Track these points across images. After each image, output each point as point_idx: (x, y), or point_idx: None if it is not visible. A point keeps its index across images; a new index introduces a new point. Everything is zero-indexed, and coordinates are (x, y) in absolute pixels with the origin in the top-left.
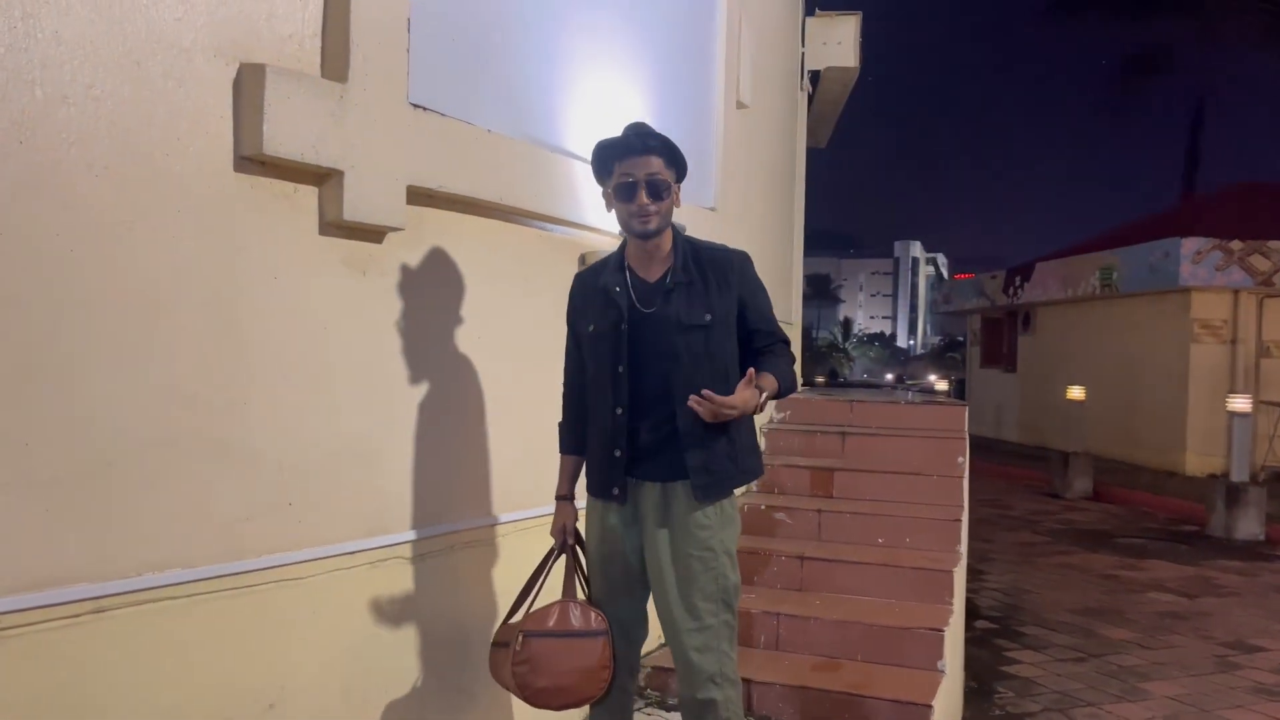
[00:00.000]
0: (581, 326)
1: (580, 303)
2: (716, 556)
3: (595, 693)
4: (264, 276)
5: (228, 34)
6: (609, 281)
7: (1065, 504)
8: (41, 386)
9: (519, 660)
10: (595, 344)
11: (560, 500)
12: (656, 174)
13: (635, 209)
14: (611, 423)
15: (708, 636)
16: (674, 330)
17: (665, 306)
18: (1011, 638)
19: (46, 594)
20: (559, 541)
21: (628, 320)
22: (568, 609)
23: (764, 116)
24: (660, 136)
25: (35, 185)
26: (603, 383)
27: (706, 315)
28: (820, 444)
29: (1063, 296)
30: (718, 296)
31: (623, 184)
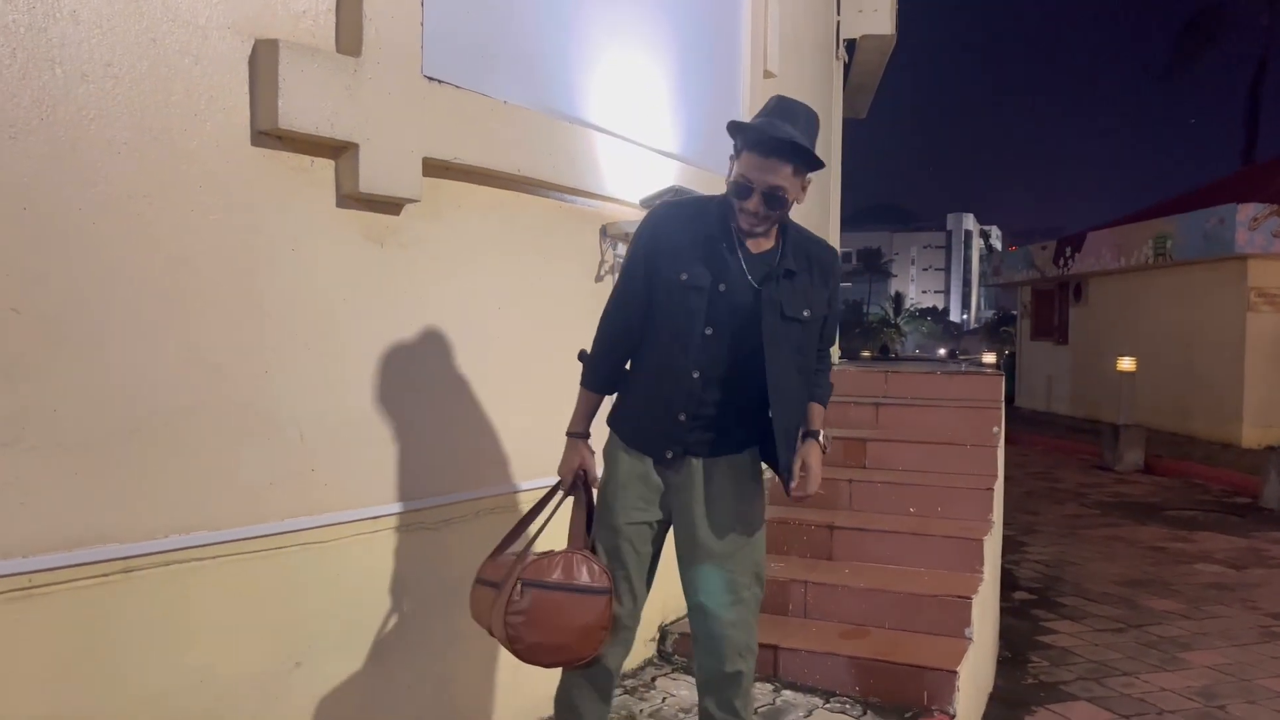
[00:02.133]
0: (668, 267)
1: (671, 242)
2: (755, 531)
3: (589, 653)
4: (283, 248)
5: (243, 10)
6: (715, 235)
7: (1116, 476)
8: (69, 356)
9: (514, 610)
10: (683, 295)
11: (576, 437)
12: (779, 187)
13: (744, 209)
14: (686, 384)
15: (742, 611)
16: (775, 316)
17: (773, 288)
18: (1050, 608)
19: (77, 554)
20: (569, 482)
21: (732, 283)
22: (574, 561)
23: (795, 86)
24: (800, 146)
25: (57, 162)
26: (681, 340)
27: (805, 311)
28: (854, 415)
29: (1115, 266)
30: (817, 293)
31: (740, 184)
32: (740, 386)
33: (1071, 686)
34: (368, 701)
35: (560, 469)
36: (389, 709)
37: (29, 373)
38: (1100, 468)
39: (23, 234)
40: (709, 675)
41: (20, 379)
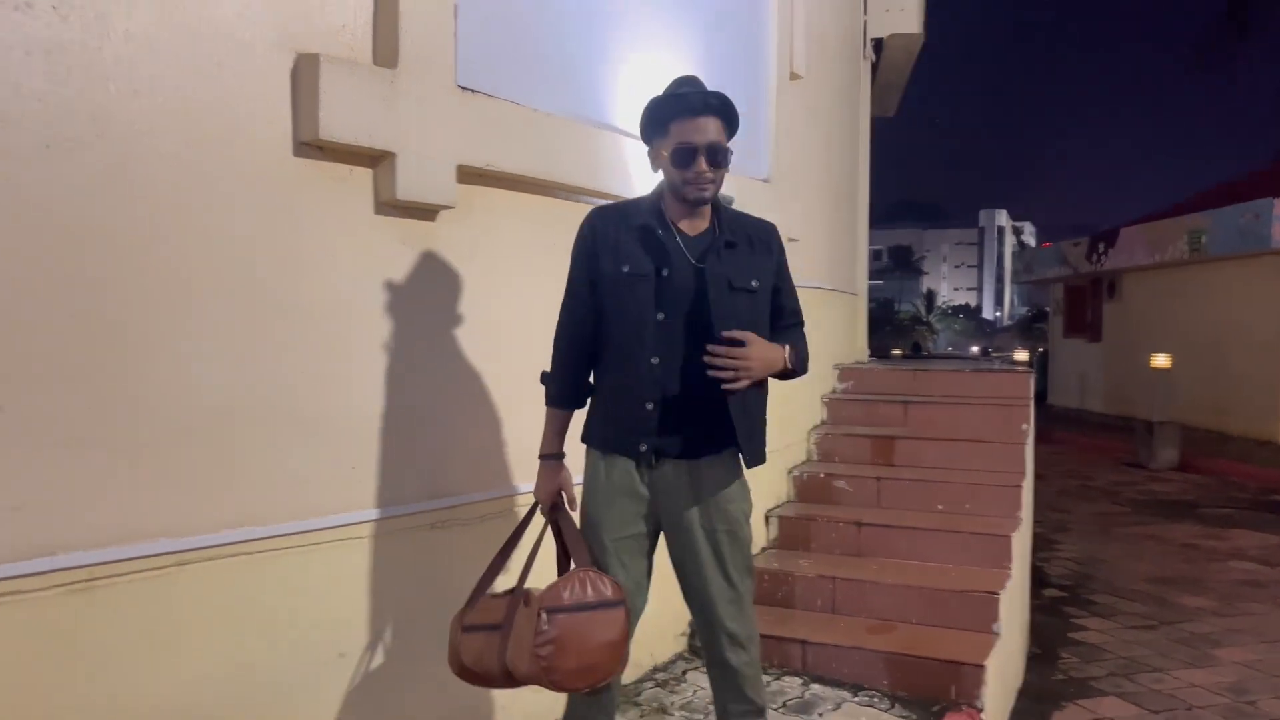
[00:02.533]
0: (608, 265)
1: (607, 243)
2: (743, 526)
3: (618, 669)
4: (324, 254)
5: (284, 26)
6: (649, 222)
7: (1149, 475)
8: (127, 359)
9: (543, 641)
10: (629, 287)
11: (549, 459)
12: (717, 140)
13: (692, 176)
14: (646, 372)
15: (739, 605)
16: (723, 289)
17: (716, 263)
18: (1081, 605)
19: (134, 547)
20: (548, 505)
21: (674, 267)
22: (585, 579)
23: (821, 86)
24: (719, 95)
25: (112, 174)
26: (634, 329)
27: (754, 281)
28: (882, 413)
29: (1149, 262)
30: (761, 264)
31: (681, 149)
32: (701, 371)
33: (1101, 682)
34: (406, 692)
35: (537, 492)
36: (427, 700)
37: (91, 376)
38: (1134, 465)
39: (82, 244)
40: (715, 663)
41: (82, 381)
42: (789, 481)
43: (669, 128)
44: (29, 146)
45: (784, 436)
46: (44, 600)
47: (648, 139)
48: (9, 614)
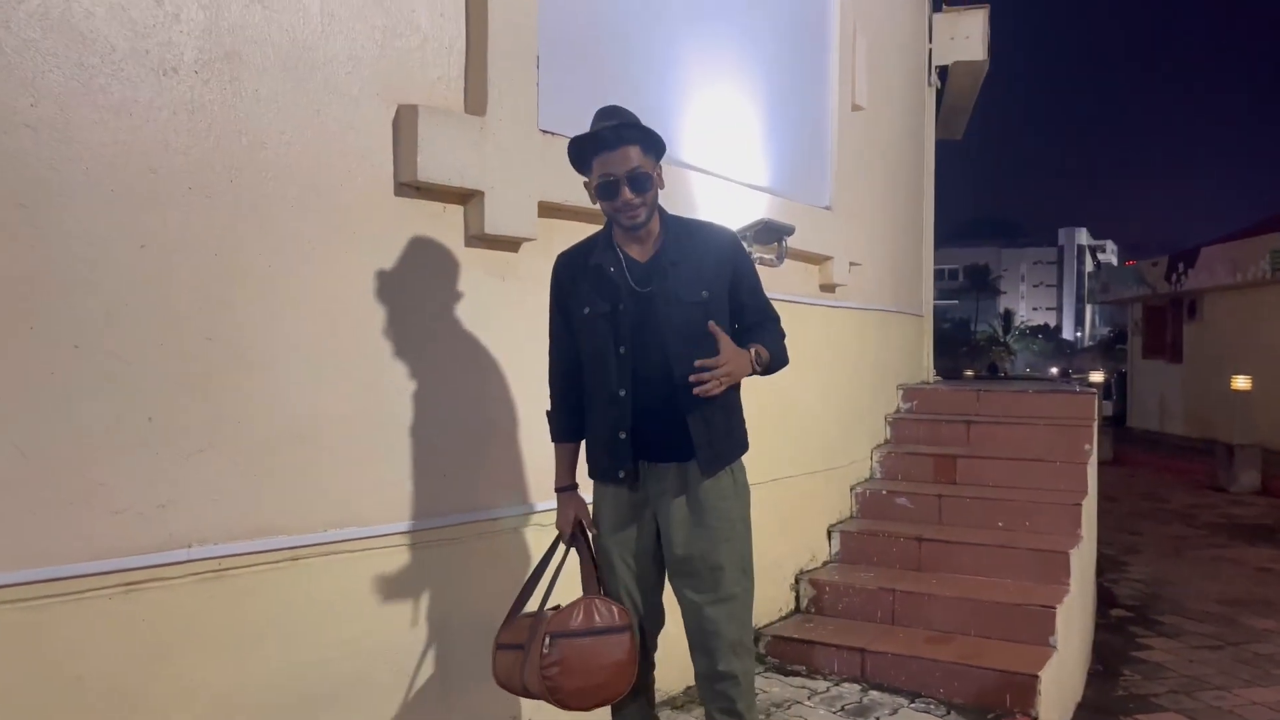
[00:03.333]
0: (574, 307)
1: (569, 284)
2: (734, 525)
3: (625, 688)
4: (420, 283)
5: (387, 80)
6: (602, 260)
7: (1229, 498)
8: (250, 374)
9: (549, 663)
10: (593, 325)
11: (564, 491)
12: (637, 167)
13: (620, 205)
14: (615, 403)
15: (732, 606)
16: (672, 307)
17: (662, 283)
18: (1147, 625)
19: (256, 542)
20: (567, 534)
21: (625, 300)
22: (592, 605)
23: (884, 115)
24: (633, 123)
25: (242, 216)
26: (602, 365)
27: (703, 291)
28: (945, 432)
29: (1231, 282)
30: (712, 273)
31: (604, 184)
32: (667, 395)
33: (1161, 699)
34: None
35: (557, 523)
36: None
37: (219, 389)
38: (1213, 489)
39: (214, 275)
40: (704, 675)
41: (212, 394)
42: (852, 498)
43: (592, 164)
44: (174, 193)
45: (847, 454)
46: (181, 587)
47: (580, 173)
48: (154, 597)
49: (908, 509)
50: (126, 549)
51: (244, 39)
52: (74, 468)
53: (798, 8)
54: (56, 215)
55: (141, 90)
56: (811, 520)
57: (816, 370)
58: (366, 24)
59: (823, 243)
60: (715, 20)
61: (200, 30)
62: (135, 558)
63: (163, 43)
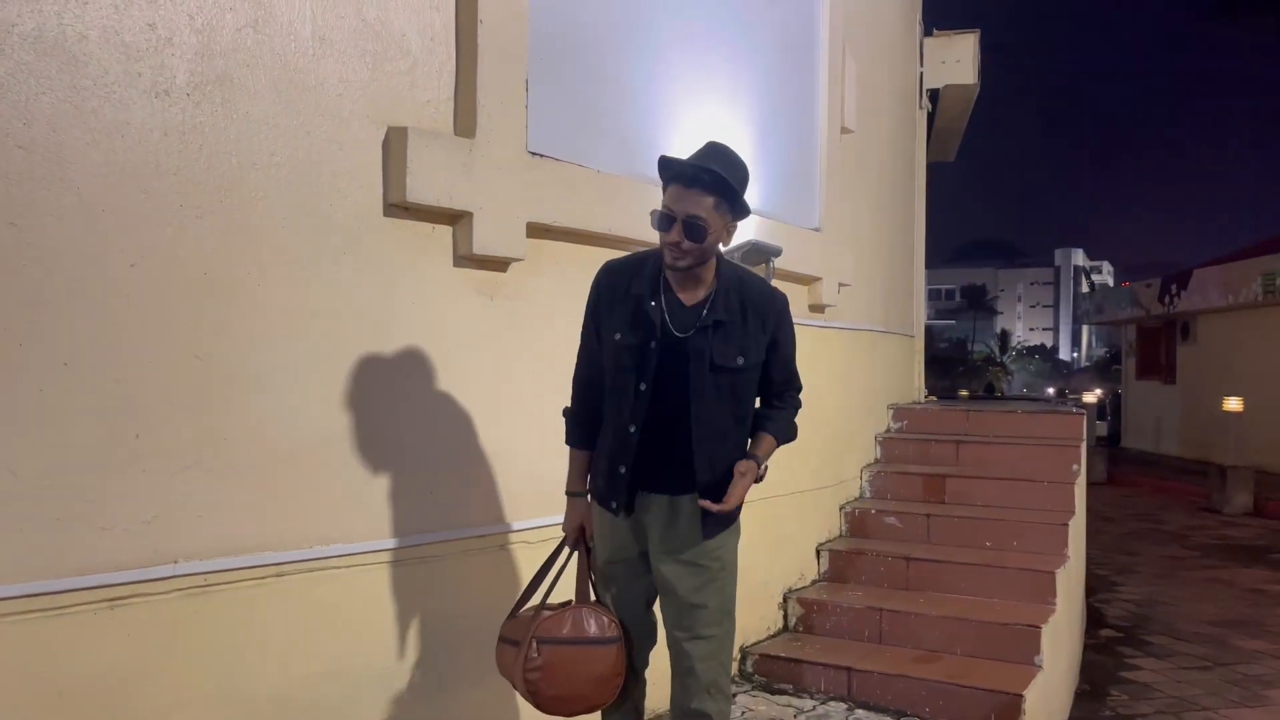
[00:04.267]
0: (606, 329)
1: (608, 304)
2: (724, 568)
3: (606, 700)
4: (409, 302)
5: (377, 102)
6: (643, 293)
7: (1223, 519)
8: (238, 392)
9: (531, 667)
10: (620, 354)
11: (573, 496)
12: (698, 216)
13: (668, 243)
14: (624, 438)
15: (711, 646)
16: (704, 366)
17: (700, 339)
18: (1136, 645)
19: (240, 558)
20: (572, 539)
21: (659, 340)
22: (582, 615)
23: (874, 138)
24: (716, 175)
25: (232, 235)
26: (620, 396)
27: (739, 359)
28: (935, 451)
29: (1223, 304)
30: (754, 339)
31: (661, 214)
32: (677, 442)
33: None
34: (476, 700)
35: (564, 526)
36: (494, 709)
37: (208, 406)
38: (1208, 510)
39: (204, 294)
40: (678, 709)
41: (201, 411)
42: (841, 517)
43: (666, 188)
44: (165, 213)
45: (837, 473)
46: (166, 602)
47: None
48: (139, 613)
49: (896, 528)
50: (112, 564)
51: (236, 62)
52: (62, 484)
53: (787, 31)
54: (49, 235)
55: (134, 112)
56: (800, 539)
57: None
58: (358, 48)
59: (811, 264)
60: (705, 43)
61: (193, 54)
62: (121, 573)
63: (155, 66)
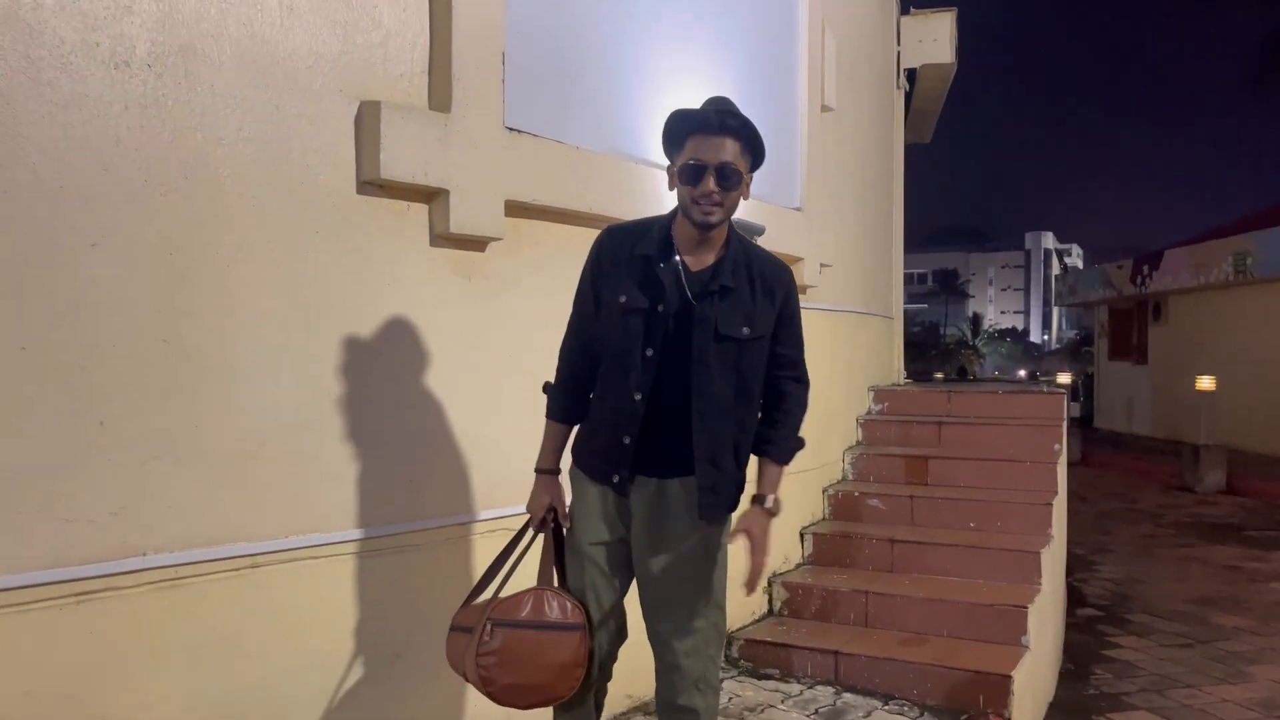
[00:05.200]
0: (609, 292)
1: (611, 264)
2: (711, 556)
3: (566, 692)
4: (384, 284)
5: (349, 75)
6: (654, 254)
7: (1196, 498)
8: (209, 379)
9: (484, 652)
10: (624, 318)
11: (544, 473)
12: (730, 162)
13: (700, 195)
14: (629, 407)
15: (697, 640)
16: (708, 335)
17: (706, 306)
18: (1117, 625)
19: (213, 550)
20: (538, 519)
21: (669, 302)
22: (543, 598)
23: (854, 117)
24: (742, 118)
25: (198, 214)
26: (624, 362)
27: (745, 329)
28: (916, 433)
29: (1194, 284)
30: (761, 310)
31: (690, 165)
32: (683, 410)
33: (1133, 698)
34: (459, 694)
35: (529, 505)
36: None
37: (177, 394)
38: (1180, 489)
39: (170, 276)
40: (664, 705)
41: (170, 399)
42: (824, 500)
43: (685, 143)
44: (127, 191)
45: (819, 456)
46: (136, 597)
47: (668, 155)
48: (108, 608)
49: (880, 510)
50: (78, 558)
51: (199, 32)
52: (23, 475)
53: (767, 5)
54: (3, 214)
55: (92, 84)
56: (785, 523)
57: None
58: (327, 19)
59: (793, 244)
60: (683, 17)
61: (154, 23)
62: (88, 566)
63: (114, 35)
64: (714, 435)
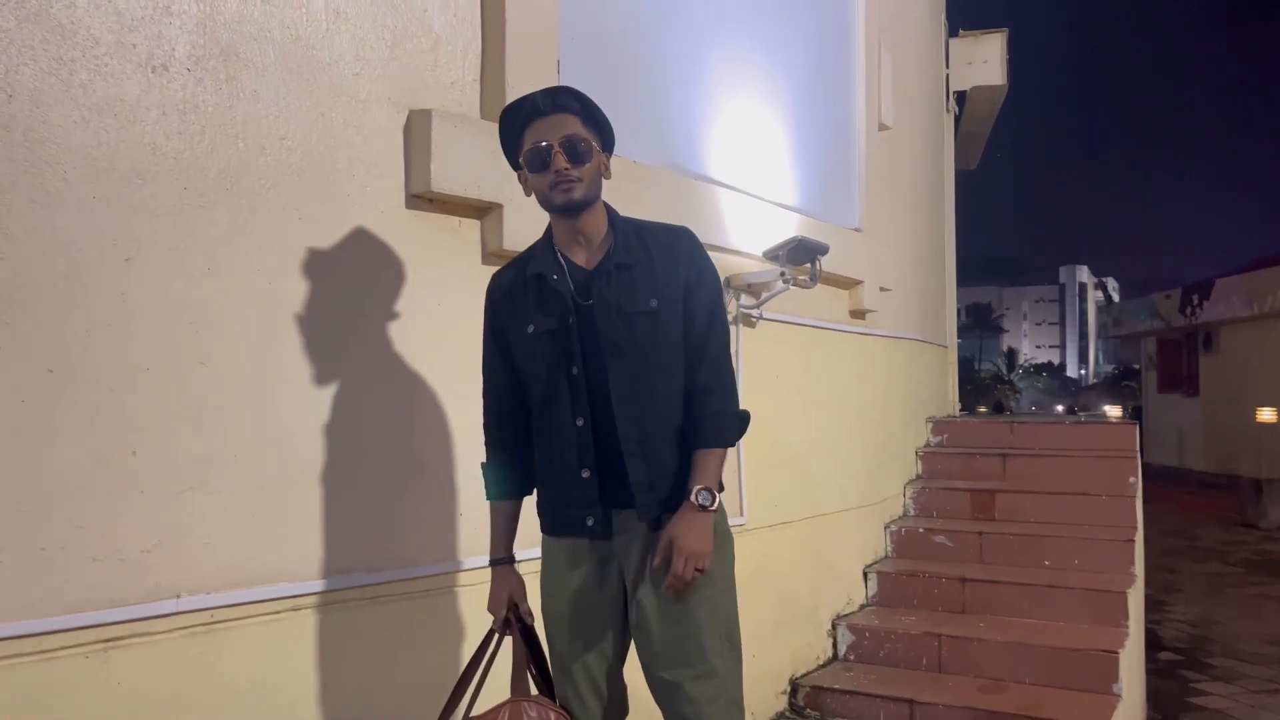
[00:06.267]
0: (514, 331)
1: (507, 304)
2: (715, 584)
3: None
4: (432, 303)
5: (399, 84)
6: (543, 269)
7: (1261, 534)
8: (247, 404)
9: None
10: (540, 346)
11: (500, 565)
12: (574, 133)
13: (551, 178)
14: (574, 437)
15: (716, 685)
16: (615, 318)
17: (604, 291)
18: (1199, 669)
19: (253, 591)
20: (500, 620)
21: (574, 312)
22: (520, 710)
23: (908, 138)
24: (575, 93)
25: (239, 226)
26: (554, 392)
27: (652, 300)
28: (980, 466)
29: (1247, 314)
30: (665, 279)
31: (534, 150)
32: (633, 422)
33: None
34: None
35: (489, 606)
36: None
37: (213, 420)
38: (1242, 524)
39: (209, 293)
40: None
41: (206, 425)
42: (887, 536)
43: (523, 137)
44: (164, 201)
45: (880, 490)
46: (168, 643)
47: (510, 161)
48: (137, 655)
49: (947, 547)
50: (106, 600)
51: (242, 35)
52: (47, 509)
53: (822, 21)
54: (31, 224)
55: (128, 88)
56: (846, 561)
57: (848, 401)
58: (375, 23)
59: (852, 266)
60: (739, 28)
61: (194, 24)
62: (116, 610)
63: (152, 37)
64: (640, 425)
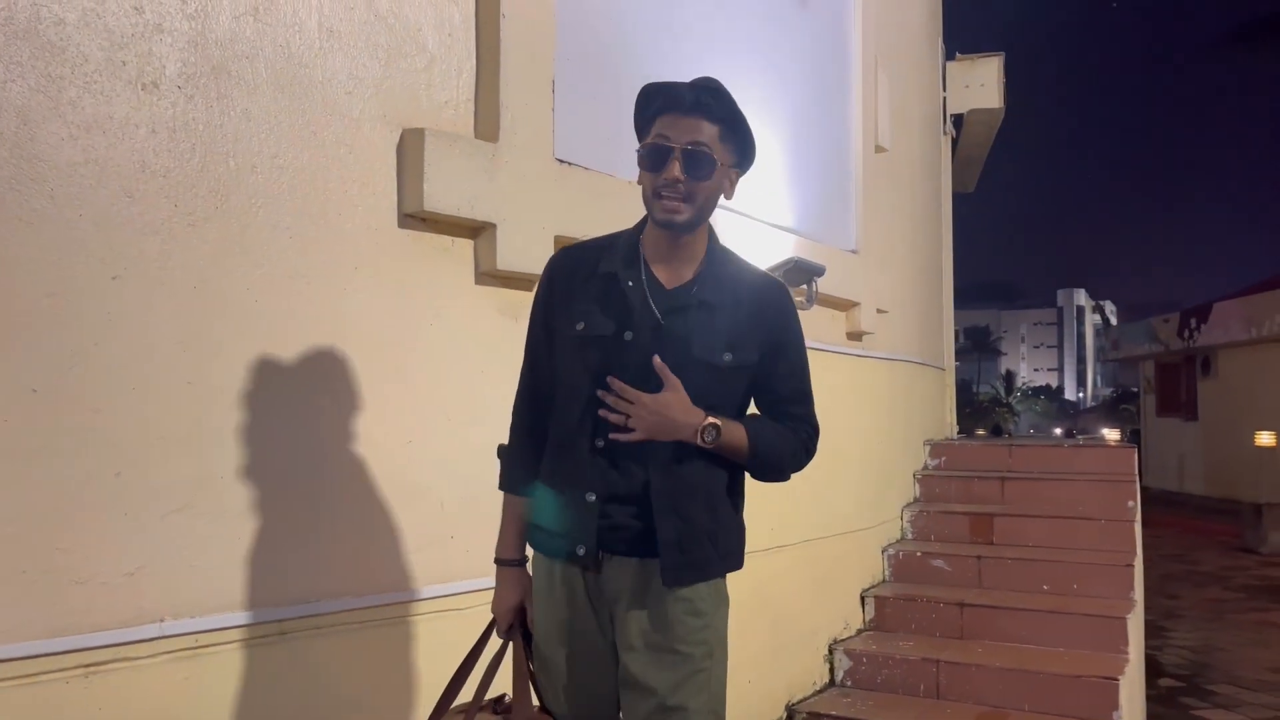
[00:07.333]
0: (563, 321)
1: (567, 288)
2: (711, 653)
3: None
4: (425, 324)
5: (391, 103)
6: (618, 271)
7: (1261, 559)
8: (236, 425)
9: None
10: (580, 349)
11: (506, 565)
12: (703, 144)
13: (662, 183)
14: (587, 457)
15: None
16: (679, 356)
17: (677, 323)
18: (1201, 696)
19: (238, 615)
20: (504, 624)
21: (638, 327)
22: None
23: (905, 160)
24: (725, 98)
25: (229, 245)
26: (578, 402)
27: (726, 355)
28: (978, 489)
29: (1246, 337)
30: (747, 333)
31: (654, 147)
32: (662, 460)
33: None
34: None
35: (493, 607)
36: None
37: (200, 441)
38: (1242, 549)
39: (197, 312)
40: None
41: (192, 447)
42: (884, 560)
43: (653, 124)
44: (152, 220)
45: (877, 514)
46: (151, 668)
47: (639, 139)
48: (120, 681)
49: (945, 572)
50: (89, 625)
51: (234, 53)
52: (29, 531)
53: (819, 42)
54: (17, 242)
55: (117, 105)
56: (843, 585)
57: (845, 424)
58: (369, 42)
59: (849, 287)
60: (736, 51)
61: (185, 42)
62: (99, 634)
63: (142, 54)
64: (677, 476)
